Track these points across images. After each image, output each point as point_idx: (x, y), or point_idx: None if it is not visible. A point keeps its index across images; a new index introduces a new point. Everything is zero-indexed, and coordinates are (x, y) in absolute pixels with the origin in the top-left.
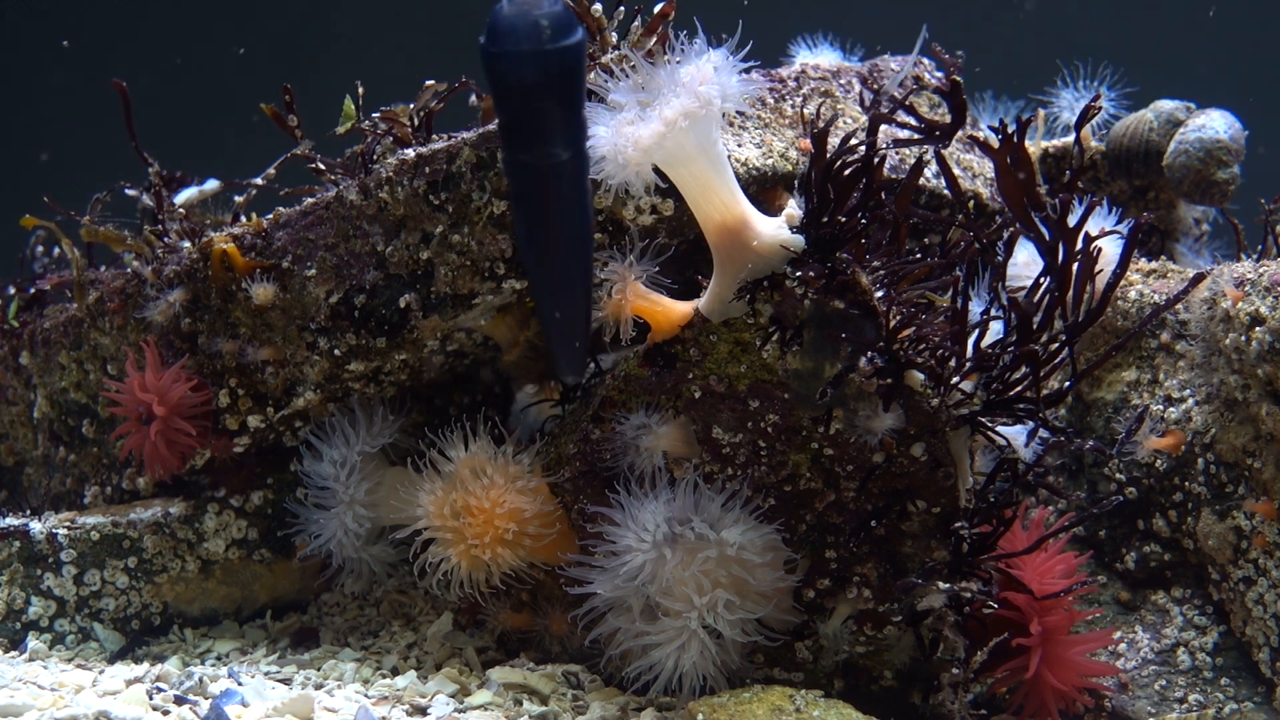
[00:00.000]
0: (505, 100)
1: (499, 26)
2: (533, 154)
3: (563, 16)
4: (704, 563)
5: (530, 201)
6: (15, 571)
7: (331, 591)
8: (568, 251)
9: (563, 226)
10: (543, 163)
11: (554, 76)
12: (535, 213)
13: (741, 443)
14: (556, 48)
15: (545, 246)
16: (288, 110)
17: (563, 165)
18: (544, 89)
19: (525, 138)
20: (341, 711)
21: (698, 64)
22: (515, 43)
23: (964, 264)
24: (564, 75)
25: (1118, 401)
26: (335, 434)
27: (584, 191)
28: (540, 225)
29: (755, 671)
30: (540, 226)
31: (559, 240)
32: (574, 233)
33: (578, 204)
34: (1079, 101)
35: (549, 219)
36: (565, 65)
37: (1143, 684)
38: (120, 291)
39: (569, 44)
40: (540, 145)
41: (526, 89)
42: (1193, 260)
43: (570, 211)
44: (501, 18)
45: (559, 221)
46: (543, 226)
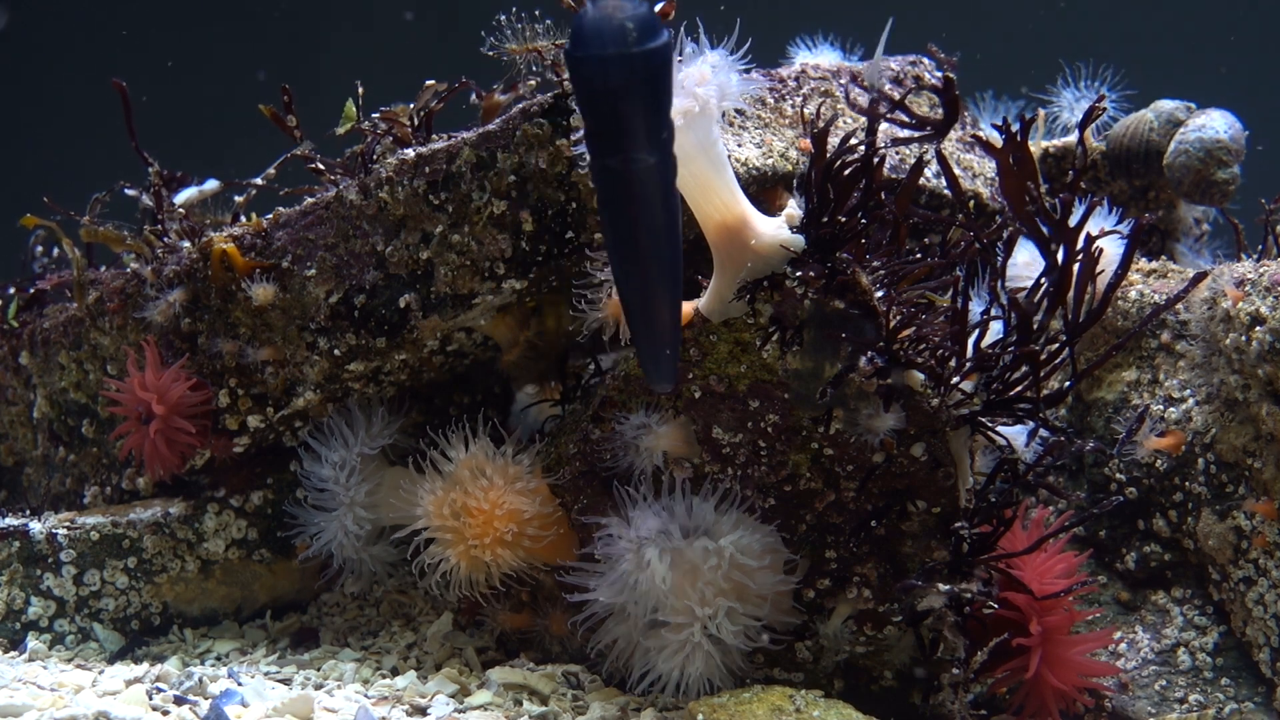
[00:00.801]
0: (591, 105)
1: (584, 30)
2: (619, 159)
3: (648, 19)
4: (704, 572)
5: (617, 207)
6: (15, 571)
7: (331, 591)
8: (655, 257)
9: (650, 232)
10: (629, 168)
11: (639, 80)
12: (622, 218)
13: (741, 443)
14: (643, 50)
15: (633, 253)
16: (286, 111)
17: (650, 170)
18: (630, 93)
19: (611, 142)
20: (341, 711)
21: (695, 65)
22: (601, 46)
23: (964, 264)
24: (650, 78)
25: (1118, 401)
26: (334, 436)
27: (671, 195)
28: (627, 231)
29: (755, 672)
30: (627, 232)
31: (647, 246)
32: (661, 238)
33: (664, 208)
34: (1079, 101)
35: (636, 224)
36: (651, 68)
37: (1143, 684)
38: (120, 291)
39: (655, 46)
40: (626, 150)
41: (612, 93)
42: (1193, 260)
43: (657, 216)
44: (587, 21)
45: (646, 227)
46: (630, 232)
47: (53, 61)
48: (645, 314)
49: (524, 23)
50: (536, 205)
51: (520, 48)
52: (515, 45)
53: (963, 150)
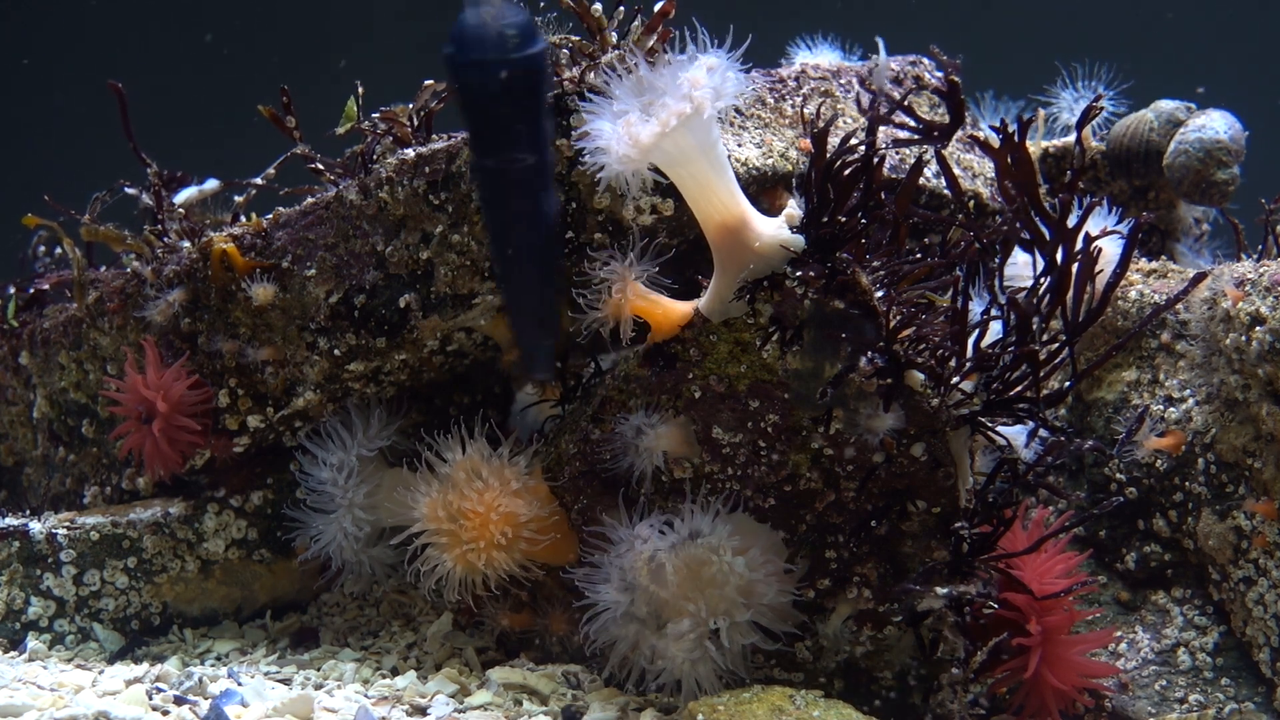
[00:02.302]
0: (471, 107)
1: (465, 35)
2: (497, 159)
3: (527, 26)
4: (705, 574)
5: (497, 205)
6: (15, 571)
7: (331, 592)
8: (534, 252)
9: (529, 228)
10: (507, 167)
11: (518, 84)
12: (502, 216)
13: (741, 443)
14: (521, 56)
15: (512, 248)
16: (285, 111)
17: (527, 169)
18: (508, 96)
19: (490, 143)
20: (341, 711)
21: (692, 68)
22: (481, 51)
23: (964, 264)
24: (528, 83)
25: (1118, 401)
26: (333, 437)
27: (548, 194)
28: (507, 227)
29: (755, 672)
30: (507, 229)
31: (526, 241)
32: (539, 233)
33: (542, 206)
34: (1079, 101)
35: (515, 221)
36: (529, 73)
37: (1143, 684)
38: (120, 291)
39: (533, 53)
40: (505, 150)
41: (491, 96)
42: (1193, 260)
43: (535, 213)
44: (467, 26)
45: (525, 223)
46: (509, 229)
47: (53, 61)
48: (524, 307)
49: None
50: None
51: None
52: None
53: (963, 150)
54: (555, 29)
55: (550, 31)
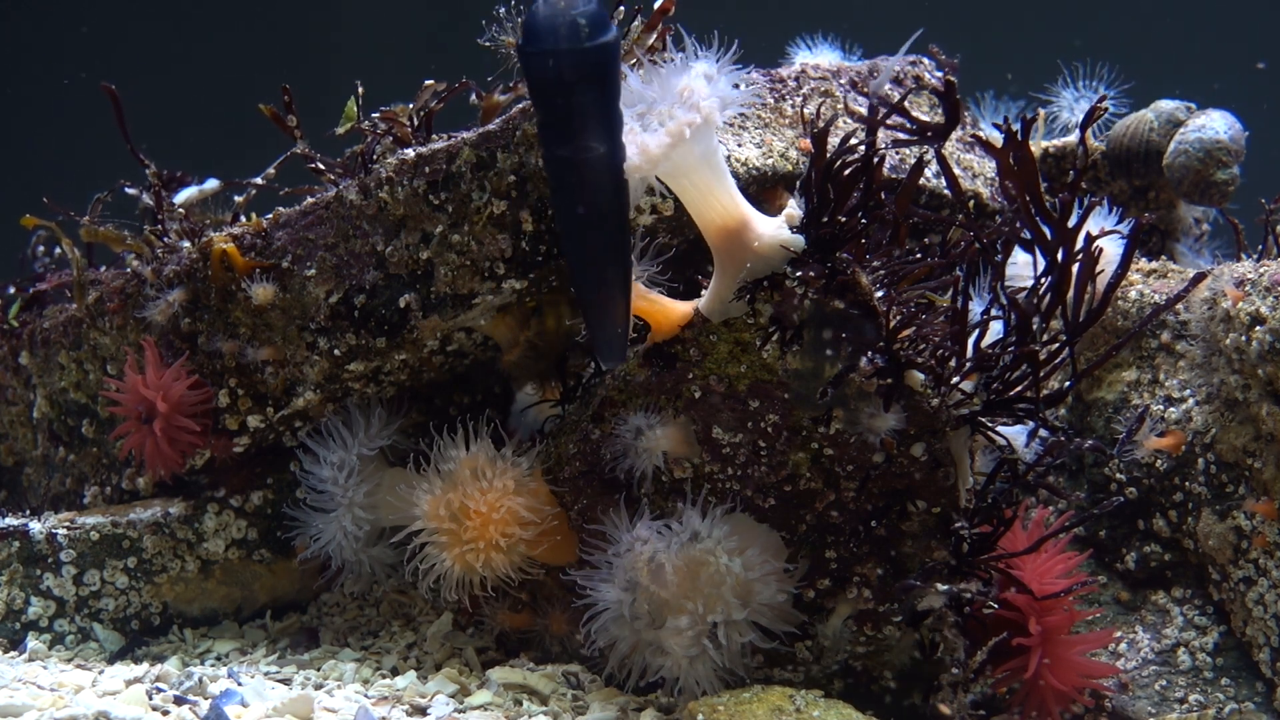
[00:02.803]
0: (543, 97)
1: (537, 26)
2: (570, 148)
3: (597, 15)
4: (705, 574)
5: (568, 194)
6: (15, 571)
7: (331, 592)
8: (605, 241)
9: (600, 217)
10: (580, 156)
11: (590, 73)
12: (573, 205)
13: (741, 443)
14: (594, 45)
15: (584, 237)
16: (287, 111)
17: (599, 158)
18: (581, 86)
19: (563, 133)
20: (341, 711)
21: (687, 76)
22: (554, 42)
23: (964, 264)
24: (600, 72)
25: (1118, 401)
26: (333, 437)
27: (619, 183)
28: (579, 216)
29: (755, 672)
30: (579, 218)
31: (597, 230)
32: (611, 222)
33: (614, 195)
34: (1079, 101)
35: (587, 210)
36: (601, 62)
37: (1143, 684)
38: (120, 291)
39: (605, 41)
40: (577, 140)
41: (565, 86)
42: (1193, 260)
43: (607, 202)
44: (539, 18)
45: (596, 212)
46: (581, 217)
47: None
48: (598, 297)
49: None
50: (536, 205)
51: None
52: (513, 39)
53: (963, 150)
54: None
55: None
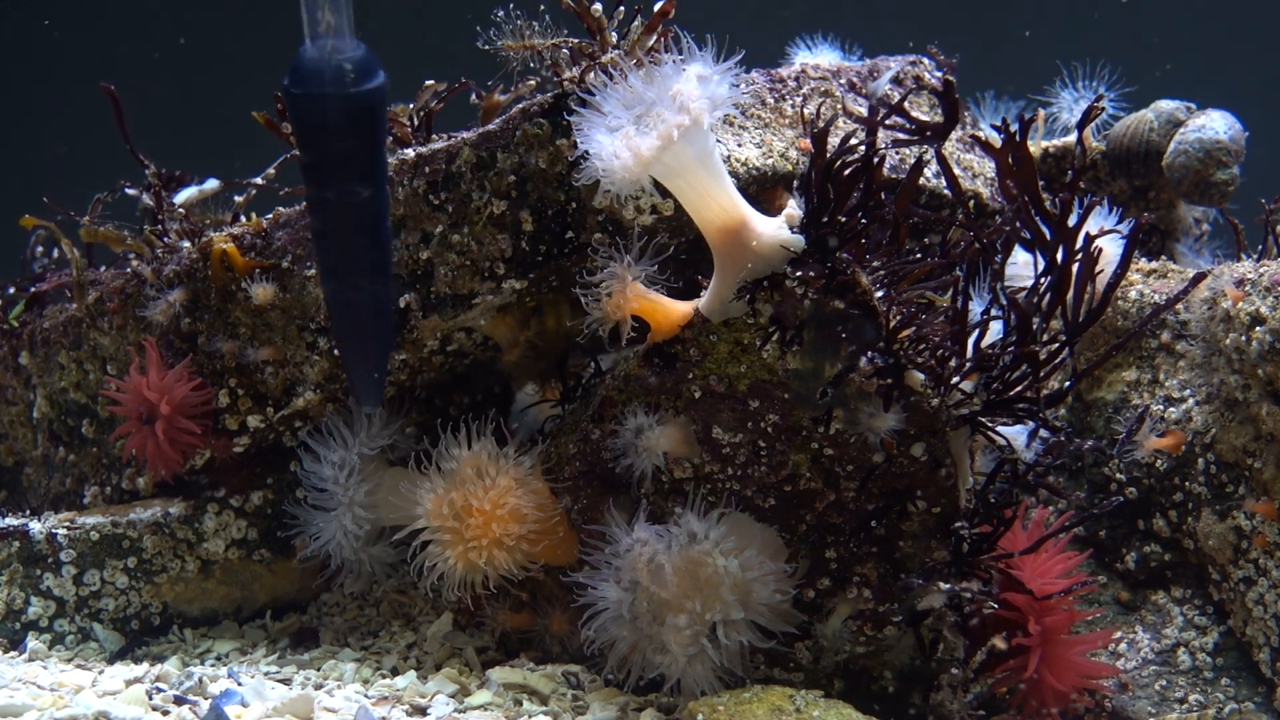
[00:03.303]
0: (308, 140)
1: (303, 69)
2: (334, 191)
3: (365, 61)
4: (704, 575)
5: (332, 237)
6: (15, 571)
7: (331, 591)
8: (369, 284)
9: (363, 259)
10: (344, 200)
11: (356, 119)
12: (336, 247)
13: (741, 443)
14: (360, 91)
15: (346, 279)
16: (281, 117)
17: (364, 202)
18: (346, 130)
19: (327, 176)
20: (341, 711)
21: (681, 80)
22: (320, 85)
23: (964, 264)
24: (366, 117)
25: (1118, 401)
26: (334, 436)
27: (383, 227)
28: (341, 258)
29: (755, 672)
30: (341, 260)
31: (360, 273)
32: (374, 265)
33: (377, 238)
34: (1079, 102)
35: (350, 252)
36: (367, 108)
37: (1143, 684)
38: (120, 291)
39: (371, 88)
40: (342, 183)
41: (329, 130)
42: (1193, 260)
43: (370, 245)
44: (306, 60)
45: (360, 255)
46: (344, 260)
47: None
48: (355, 338)
49: (521, 19)
50: (536, 205)
51: (516, 44)
52: (512, 41)
53: (963, 150)
54: (554, 28)
55: (549, 31)
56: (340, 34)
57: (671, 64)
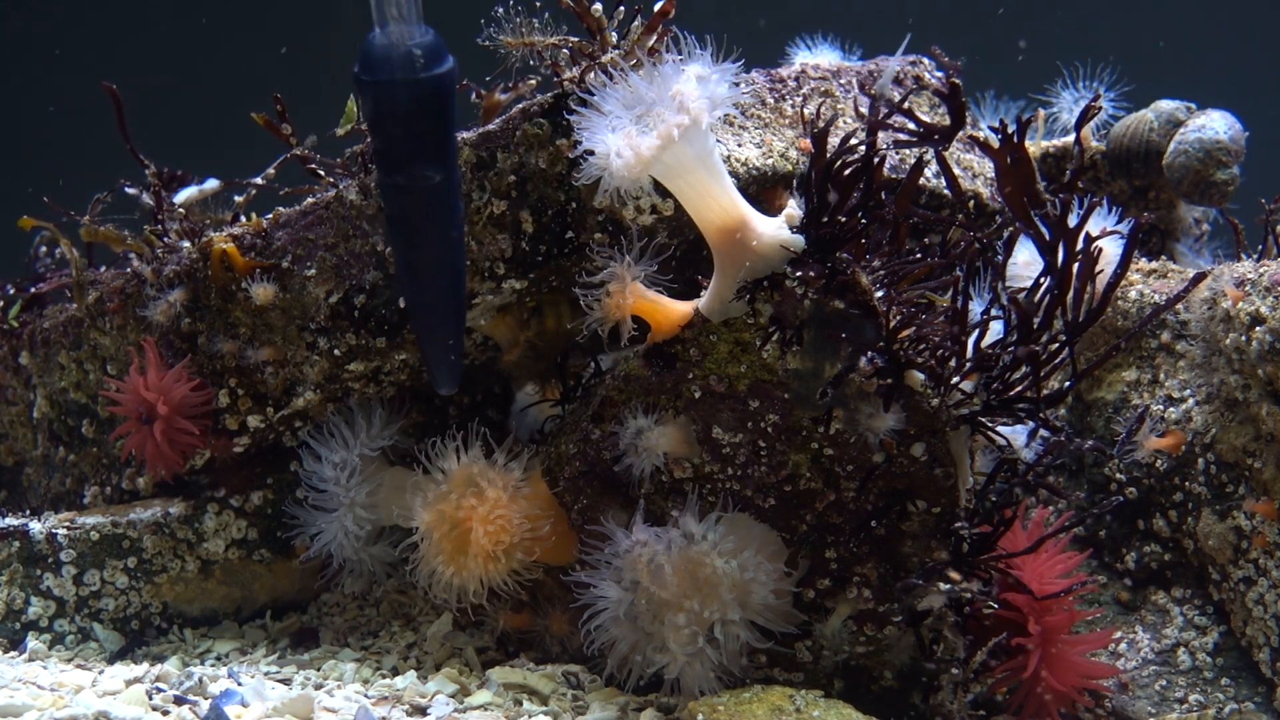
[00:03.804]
0: (379, 126)
1: (373, 55)
2: (406, 176)
3: (435, 46)
4: (704, 575)
5: (405, 222)
6: (15, 571)
7: (331, 591)
8: (442, 268)
9: (437, 244)
10: (416, 184)
11: (427, 104)
12: (410, 232)
13: (741, 443)
14: (430, 76)
15: (421, 264)
16: (280, 119)
17: (435, 187)
18: (417, 115)
19: (399, 161)
20: (341, 711)
21: (680, 80)
22: (390, 71)
23: (964, 264)
24: (436, 102)
25: (1118, 401)
26: (334, 437)
27: (455, 210)
28: (415, 244)
29: (755, 672)
30: (415, 245)
31: (434, 258)
32: (447, 250)
33: (449, 222)
34: (1079, 102)
35: (423, 237)
36: (438, 93)
37: (1143, 684)
38: (120, 291)
39: (441, 72)
40: (413, 168)
41: (400, 116)
42: (1193, 260)
43: (443, 229)
44: (376, 47)
45: (433, 239)
46: (418, 245)
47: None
48: (433, 323)
49: (521, 17)
50: (536, 205)
51: (516, 41)
52: (511, 39)
53: (963, 150)
54: (554, 26)
55: (549, 28)
56: (409, 20)
57: (671, 64)
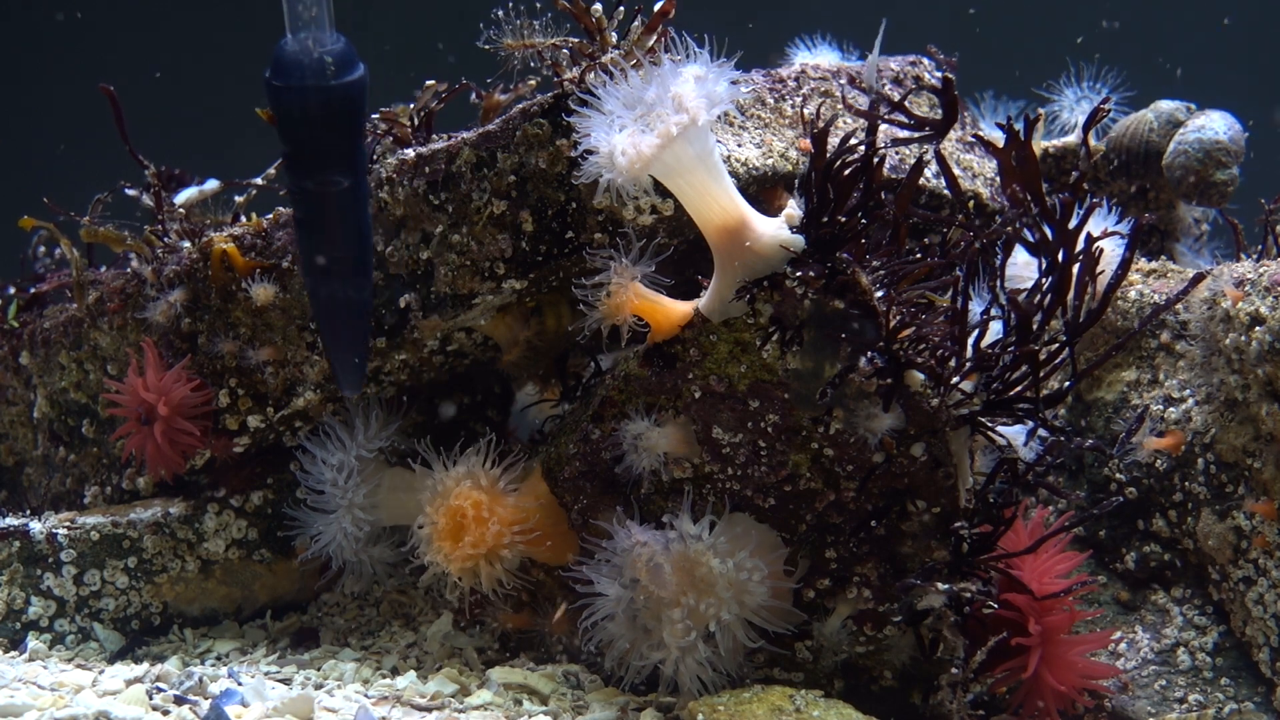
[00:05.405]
0: (289, 131)
1: (284, 61)
2: (315, 181)
3: (345, 54)
4: (703, 574)
5: (313, 225)
6: (15, 571)
7: (331, 591)
8: (349, 272)
9: (344, 248)
10: (325, 189)
11: (337, 110)
12: (318, 235)
13: (741, 443)
14: (340, 84)
15: (328, 268)
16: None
17: (344, 192)
18: (326, 122)
19: (308, 166)
20: (341, 711)
21: (678, 81)
22: (300, 78)
23: (964, 264)
24: (346, 109)
25: (1118, 401)
26: (333, 438)
27: (363, 215)
28: (323, 247)
29: (755, 672)
30: (323, 249)
31: (341, 261)
32: (355, 254)
33: (357, 227)
34: (1080, 101)
35: (331, 241)
36: (347, 100)
37: (1143, 684)
38: (120, 291)
39: (351, 80)
40: (322, 173)
41: (311, 122)
42: (1193, 260)
43: (351, 234)
44: (287, 53)
45: (341, 243)
46: (325, 249)
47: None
48: (338, 326)
49: (521, 18)
50: (537, 205)
51: (516, 43)
52: (512, 40)
53: (963, 150)
54: (554, 28)
55: (549, 30)
56: (320, 27)
57: (671, 64)
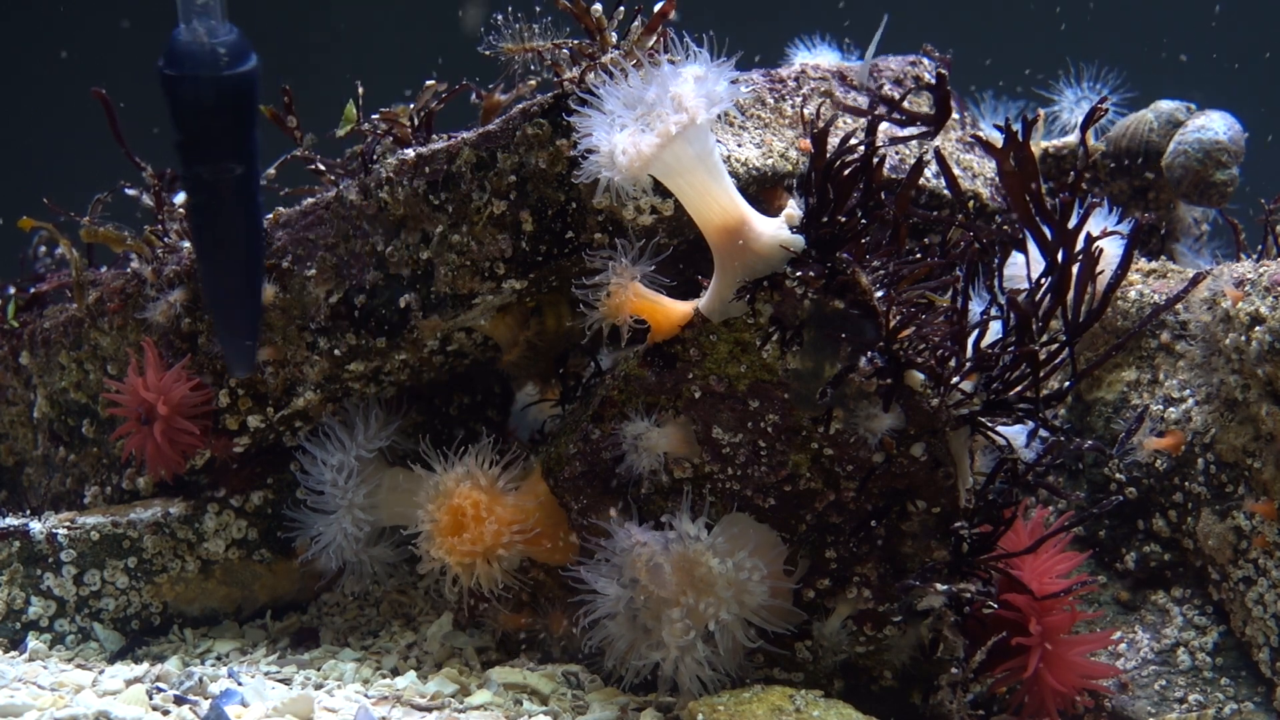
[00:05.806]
0: (182, 120)
1: (177, 51)
2: (208, 168)
3: (238, 44)
4: (702, 574)
5: (206, 212)
6: (15, 571)
7: (331, 591)
8: (240, 256)
9: (236, 233)
10: (217, 176)
11: (229, 100)
12: (211, 222)
13: (741, 443)
14: (233, 74)
15: (220, 252)
16: (287, 111)
17: (237, 179)
18: (220, 111)
19: (201, 153)
20: (341, 711)
21: (677, 81)
22: (194, 67)
23: (964, 264)
24: (239, 99)
25: (1118, 401)
26: (333, 438)
27: (255, 202)
28: (215, 232)
29: (755, 672)
30: (215, 234)
31: (233, 245)
32: (246, 239)
33: (249, 213)
34: (1080, 101)
35: (224, 227)
36: (240, 89)
37: (1143, 684)
38: (120, 291)
39: (244, 70)
40: (215, 160)
41: (204, 110)
42: (1193, 260)
43: (242, 220)
44: (180, 43)
45: (233, 229)
46: (218, 233)
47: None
48: (229, 309)
49: (520, 22)
50: (536, 205)
51: (516, 47)
52: (511, 44)
53: (962, 150)
54: (553, 30)
55: (548, 33)
56: (213, 17)
57: (670, 64)
